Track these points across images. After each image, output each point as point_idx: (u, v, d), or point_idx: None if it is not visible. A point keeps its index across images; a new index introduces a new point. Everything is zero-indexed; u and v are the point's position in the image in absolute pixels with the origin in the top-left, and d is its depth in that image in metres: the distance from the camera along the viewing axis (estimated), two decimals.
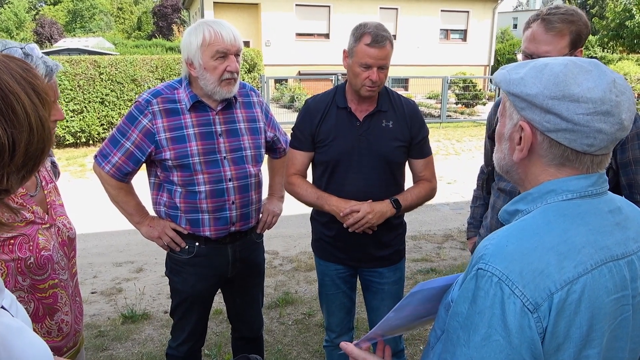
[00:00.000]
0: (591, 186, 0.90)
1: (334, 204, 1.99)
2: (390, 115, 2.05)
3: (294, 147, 2.13)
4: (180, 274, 2.08)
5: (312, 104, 2.11)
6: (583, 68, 0.87)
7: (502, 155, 0.98)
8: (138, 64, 10.38)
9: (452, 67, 20.58)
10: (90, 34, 46.56)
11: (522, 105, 0.89)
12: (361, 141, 2.02)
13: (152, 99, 1.93)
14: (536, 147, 0.90)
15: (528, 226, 0.87)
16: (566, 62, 0.88)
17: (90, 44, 31.90)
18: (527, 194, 0.93)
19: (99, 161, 1.99)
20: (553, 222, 0.86)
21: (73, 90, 9.89)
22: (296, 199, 2.13)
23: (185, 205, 1.98)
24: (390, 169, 2.06)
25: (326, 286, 2.24)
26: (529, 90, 0.88)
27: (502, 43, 29.05)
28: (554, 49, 1.71)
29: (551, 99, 0.86)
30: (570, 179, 0.89)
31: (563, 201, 0.89)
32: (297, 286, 4.19)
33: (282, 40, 19.53)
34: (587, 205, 0.89)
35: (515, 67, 0.93)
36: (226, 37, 1.85)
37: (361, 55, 1.90)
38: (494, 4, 21.95)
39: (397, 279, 2.22)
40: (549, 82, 0.86)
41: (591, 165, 0.89)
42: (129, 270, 4.59)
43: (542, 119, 0.87)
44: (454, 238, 5.51)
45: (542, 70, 0.88)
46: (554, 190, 0.90)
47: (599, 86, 0.84)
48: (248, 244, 2.15)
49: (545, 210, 0.89)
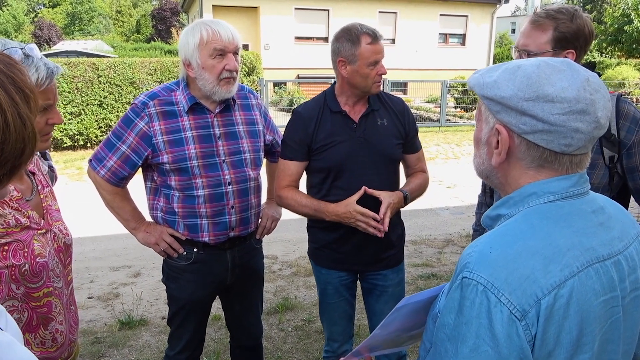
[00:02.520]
0: (572, 187, 0.89)
1: (332, 212, 1.95)
2: (383, 114, 2.07)
3: (287, 157, 2.06)
4: (177, 280, 2.03)
5: (304, 112, 2.06)
6: (555, 68, 0.86)
7: (480, 161, 0.97)
8: (136, 67, 10.35)
9: (451, 71, 20.59)
10: (89, 37, 46.58)
11: (497, 108, 0.88)
12: (361, 142, 2.00)
13: (148, 101, 1.89)
14: (514, 150, 0.89)
15: (511, 231, 0.86)
16: (538, 63, 0.87)
17: (88, 46, 31.86)
18: (508, 197, 0.92)
19: (93, 165, 1.94)
20: (536, 225, 0.85)
21: (71, 93, 9.85)
22: (292, 211, 2.08)
23: (183, 210, 1.94)
24: (391, 166, 2.09)
25: (329, 295, 2.19)
26: (503, 93, 0.87)
27: (500, 47, 29.11)
28: (532, 42, 1.71)
29: (525, 101, 0.85)
30: (550, 181, 0.88)
31: (545, 203, 0.88)
32: (296, 291, 4.14)
33: (281, 43, 19.53)
34: (569, 207, 0.88)
35: (489, 70, 0.92)
36: (224, 35, 1.82)
37: (368, 55, 1.91)
38: (493, 8, 22.00)
39: (400, 281, 2.22)
40: (522, 84, 0.85)
41: (570, 166, 0.88)
42: (126, 275, 4.53)
43: (518, 121, 0.86)
44: (455, 243, 5.47)
45: (514, 72, 0.87)
46: (535, 193, 0.89)
47: (573, 85, 0.84)
48: (247, 250, 2.10)
49: (527, 214, 0.88)
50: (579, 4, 38.63)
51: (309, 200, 2.02)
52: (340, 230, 2.02)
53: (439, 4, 21.11)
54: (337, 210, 1.94)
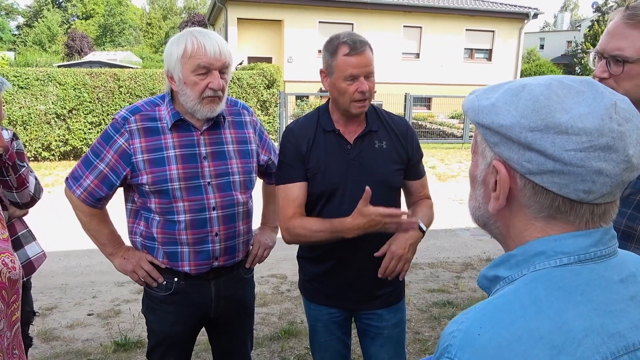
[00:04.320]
0: (593, 246, 0.67)
1: (353, 228, 1.64)
2: (382, 135, 1.83)
3: (287, 179, 1.80)
4: (156, 312, 1.86)
5: (297, 130, 1.85)
6: (572, 88, 0.66)
7: (476, 204, 0.77)
8: (157, 78, 10.39)
9: (476, 86, 20.07)
10: (119, 48, 47.69)
11: (494, 139, 0.69)
12: (354, 166, 1.78)
13: (129, 117, 1.73)
14: (517, 194, 0.69)
15: (509, 305, 0.64)
16: (549, 82, 0.67)
17: (118, 57, 32.57)
18: (509, 255, 0.72)
19: (69, 184, 1.79)
20: (543, 299, 0.63)
21: (92, 103, 9.92)
22: (306, 243, 1.81)
23: (163, 237, 1.77)
24: (389, 194, 1.83)
25: (319, 333, 1.97)
26: (502, 120, 0.67)
27: (528, 63, 28.61)
28: (631, 45, 1.26)
29: (531, 131, 0.64)
30: (564, 237, 0.67)
31: (556, 267, 0.66)
32: (303, 315, 3.93)
33: (305, 56, 19.51)
34: (588, 274, 0.66)
35: (487, 90, 0.73)
36: (209, 50, 1.64)
37: (343, 67, 1.68)
38: (520, 24, 21.60)
39: (398, 321, 1.96)
40: (527, 109, 0.65)
41: (591, 218, 0.67)
42: (130, 291, 4.40)
43: (521, 158, 0.66)
44: (474, 267, 5.18)
45: (518, 94, 0.67)
46: (543, 253, 0.68)
47: (595, 112, 0.63)
48: (234, 281, 1.91)
49: (532, 282, 0.66)
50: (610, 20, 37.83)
51: (322, 224, 1.72)
52: (330, 262, 1.83)
53: (465, 18, 20.84)
54: (357, 224, 1.64)
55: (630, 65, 1.26)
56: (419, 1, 20.19)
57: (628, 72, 1.25)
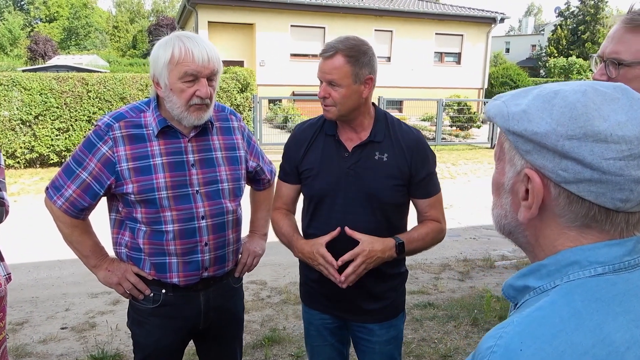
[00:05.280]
0: (627, 255, 0.66)
1: (299, 249, 1.73)
2: (386, 147, 1.74)
3: (280, 178, 1.91)
4: (143, 325, 1.79)
5: (299, 132, 1.87)
6: (607, 95, 0.65)
7: (502, 212, 0.75)
8: (127, 82, 10.15)
9: (447, 89, 20.55)
10: (85, 52, 46.55)
11: (527, 147, 0.67)
12: (349, 175, 1.72)
13: (113, 123, 1.67)
14: (550, 203, 0.68)
15: (548, 319, 0.62)
16: (584, 89, 0.66)
17: (84, 61, 31.74)
18: (539, 265, 0.70)
19: (50, 195, 1.71)
20: (582, 311, 0.62)
21: (59, 108, 9.62)
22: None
23: (150, 247, 1.70)
24: (384, 211, 1.74)
25: (311, 337, 1.95)
26: (537, 128, 0.65)
27: (495, 67, 29.23)
28: (627, 49, 1.28)
29: (568, 139, 0.63)
30: (598, 247, 0.66)
31: (591, 277, 0.65)
32: (285, 321, 3.89)
33: (277, 60, 19.46)
34: (624, 283, 0.65)
35: (514, 96, 0.71)
36: (197, 57, 1.58)
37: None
38: (488, 28, 22.08)
39: (391, 339, 1.88)
40: (564, 116, 0.64)
41: (626, 227, 0.67)
42: (104, 302, 4.26)
43: (557, 166, 0.65)
44: (452, 267, 5.24)
45: (551, 100, 0.66)
46: (577, 262, 0.66)
47: (634, 119, 0.63)
48: (224, 291, 1.86)
49: (569, 293, 0.65)
50: (572, 24, 39.09)
51: (287, 230, 1.82)
52: None
53: (435, 22, 21.18)
54: (303, 248, 1.71)
55: (627, 68, 1.28)
56: (390, 5, 20.43)
57: (624, 75, 1.27)
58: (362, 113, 1.74)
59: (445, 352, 3.38)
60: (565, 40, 38.71)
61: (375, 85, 1.74)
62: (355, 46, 1.65)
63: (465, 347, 3.48)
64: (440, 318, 3.93)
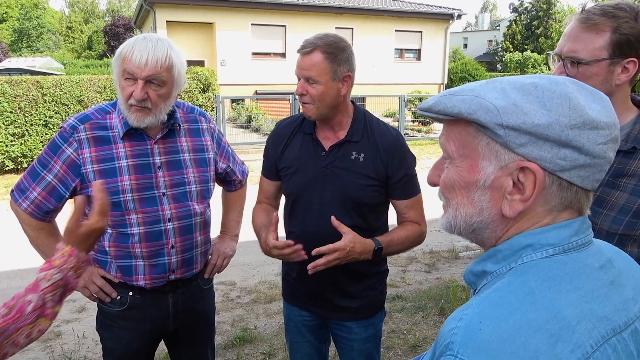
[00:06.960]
0: (574, 235, 0.70)
1: (262, 245, 1.69)
2: (363, 147, 1.72)
3: (262, 173, 1.94)
4: (111, 329, 1.78)
5: (278, 128, 1.89)
6: (580, 86, 0.70)
7: (473, 211, 0.74)
8: (84, 85, 9.88)
9: (408, 85, 20.88)
10: (38, 54, 44.86)
11: (521, 140, 0.67)
12: (325, 174, 1.73)
13: (78, 125, 1.65)
14: (540, 192, 0.69)
15: (505, 298, 0.65)
16: (563, 80, 0.69)
17: (37, 63, 30.56)
18: (495, 250, 0.73)
19: (15, 197, 1.68)
20: (536, 289, 0.65)
21: (13, 113, 9.28)
22: None
23: (116, 250, 1.69)
24: (359, 210, 1.73)
25: (290, 332, 1.97)
26: (537, 120, 0.66)
27: (454, 62, 29.86)
28: (584, 47, 1.31)
29: (571, 128, 0.66)
30: (548, 229, 0.70)
31: (543, 259, 0.69)
32: (256, 320, 3.90)
33: (238, 59, 19.29)
34: (573, 263, 0.69)
35: (487, 90, 0.69)
36: (135, 58, 1.55)
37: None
38: (446, 24, 22.52)
39: (369, 337, 1.88)
40: (562, 107, 0.66)
41: (587, 205, 0.72)
42: (69, 310, 4.16)
43: (555, 156, 0.66)
44: (418, 260, 5.36)
45: (533, 92, 0.67)
46: (530, 246, 0.70)
47: (605, 107, 0.68)
48: (193, 292, 1.86)
49: (523, 274, 0.68)
50: (526, 20, 40.30)
51: (259, 224, 1.82)
52: (299, 265, 1.70)
53: (394, 19, 21.44)
54: (262, 245, 1.69)
55: (585, 66, 1.32)
56: (350, 3, 20.56)
57: (583, 73, 1.32)
58: (340, 111, 1.72)
59: (415, 342, 3.47)
60: (520, 35, 39.91)
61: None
62: (334, 43, 1.67)
63: (434, 336, 3.58)
64: (408, 309, 4.02)
